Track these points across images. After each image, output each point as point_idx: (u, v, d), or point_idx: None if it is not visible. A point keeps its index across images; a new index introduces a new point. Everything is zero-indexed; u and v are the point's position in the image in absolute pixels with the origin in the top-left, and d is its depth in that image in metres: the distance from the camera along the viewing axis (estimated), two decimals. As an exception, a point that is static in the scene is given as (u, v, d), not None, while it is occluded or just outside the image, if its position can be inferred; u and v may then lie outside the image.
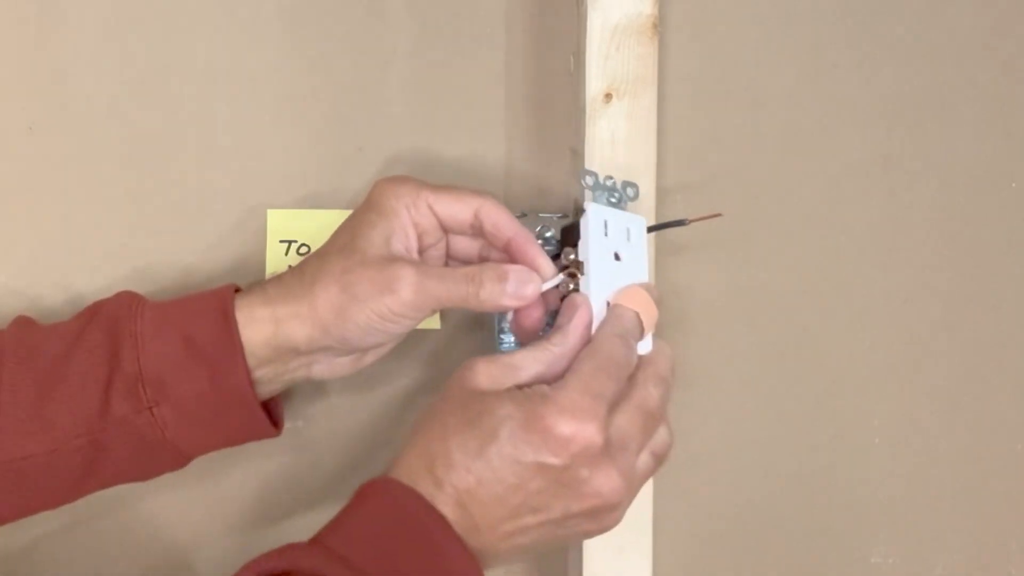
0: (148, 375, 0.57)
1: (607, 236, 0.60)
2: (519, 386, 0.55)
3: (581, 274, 0.59)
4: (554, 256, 0.60)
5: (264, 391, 0.60)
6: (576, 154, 0.65)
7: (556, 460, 0.52)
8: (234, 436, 0.61)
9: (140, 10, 0.67)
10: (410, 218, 0.59)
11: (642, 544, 0.66)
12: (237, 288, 0.61)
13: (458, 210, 0.59)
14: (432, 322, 0.68)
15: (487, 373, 0.55)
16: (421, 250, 0.60)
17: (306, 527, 0.54)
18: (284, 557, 0.52)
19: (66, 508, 0.61)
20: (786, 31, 0.71)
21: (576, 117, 0.65)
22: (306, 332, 0.57)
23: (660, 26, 0.63)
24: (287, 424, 0.65)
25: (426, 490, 0.53)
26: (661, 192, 0.67)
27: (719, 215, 0.64)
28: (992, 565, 0.75)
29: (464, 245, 0.62)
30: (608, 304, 0.58)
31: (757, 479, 0.73)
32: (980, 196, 0.73)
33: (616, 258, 0.60)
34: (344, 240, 0.59)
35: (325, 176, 0.69)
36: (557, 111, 0.69)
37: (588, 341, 0.57)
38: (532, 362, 0.56)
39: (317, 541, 0.53)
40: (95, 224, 0.68)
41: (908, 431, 0.74)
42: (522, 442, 0.52)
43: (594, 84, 0.63)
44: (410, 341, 0.69)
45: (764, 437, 0.73)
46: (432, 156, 0.69)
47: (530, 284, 0.58)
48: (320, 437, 0.70)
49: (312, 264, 0.59)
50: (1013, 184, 0.73)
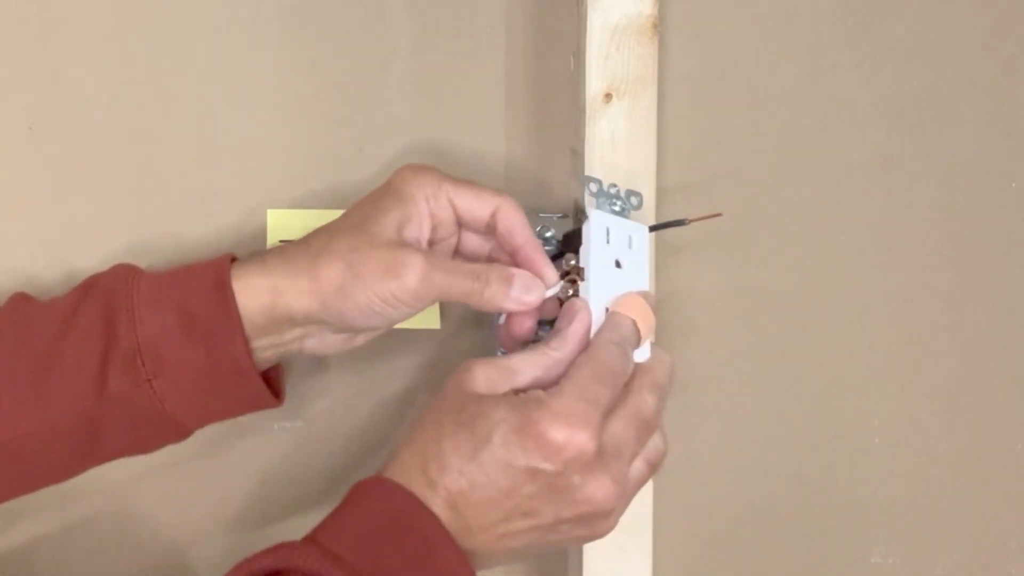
0: (145, 348, 0.57)
1: (609, 243, 0.60)
2: (516, 390, 0.55)
3: (582, 280, 0.59)
4: (554, 257, 0.61)
5: (261, 359, 0.59)
6: (576, 154, 0.65)
7: (549, 466, 0.52)
8: (235, 407, 0.61)
9: (140, 10, 0.67)
10: (428, 208, 0.59)
11: (642, 544, 0.66)
12: (233, 258, 0.60)
13: (477, 207, 0.59)
14: (432, 322, 0.68)
15: (484, 376, 0.55)
16: (433, 242, 0.60)
17: (304, 527, 0.54)
18: (277, 556, 0.52)
19: (65, 507, 0.61)
20: (786, 31, 0.71)
21: (576, 117, 0.65)
22: (304, 304, 0.57)
23: (660, 26, 0.63)
24: (287, 424, 0.65)
25: (419, 490, 0.53)
26: (661, 192, 0.67)
27: (719, 215, 0.64)
28: (992, 565, 0.75)
29: (475, 244, 0.62)
30: (607, 311, 0.58)
31: (757, 479, 0.73)
32: (980, 196, 0.73)
33: (617, 265, 0.60)
34: (356, 220, 0.58)
35: (325, 176, 0.68)
36: (557, 111, 0.69)
37: (586, 346, 0.57)
38: (530, 366, 0.56)
39: (310, 540, 0.53)
40: (94, 223, 0.68)
41: (908, 431, 0.74)
42: (515, 447, 0.52)
43: (594, 84, 0.63)
44: (410, 341, 0.69)
45: (764, 437, 0.73)
46: (432, 156, 0.69)
47: (534, 291, 0.58)
48: (319, 437, 0.70)
49: (319, 239, 0.58)
50: (1013, 184, 0.73)
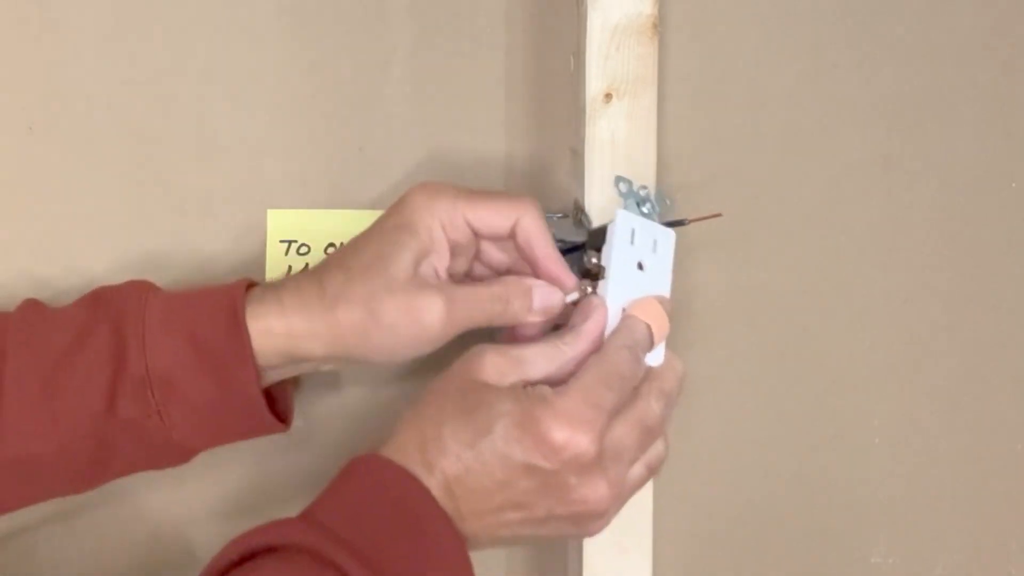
0: (155, 377, 0.56)
1: (633, 244, 0.59)
2: (524, 382, 0.55)
3: (601, 278, 0.58)
4: (564, 252, 0.60)
5: (269, 379, 0.59)
6: (576, 154, 0.65)
7: (546, 464, 0.53)
8: (242, 434, 0.61)
9: (140, 10, 0.67)
10: (445, 237, 0.58)
11: (642, 544, 0.66)
12: (250, 284, 0.59)
13: (496, 222, 0.58)
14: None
15: (494, 364, 0.55)
16: (452, 269, 0.59)
17: (306, 527, 0.54)
18: (272, 532, 0.51)
19: (65, 506, 0.61)
20: (786, 31, 0.71)
21: (576, 117, 0.65)
22: (324, 350, 0.57)
23: (660, 26, 0.63)
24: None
25: (416, 470, 0.53)
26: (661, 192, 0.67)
27: (719, 215, 0.64)
28: (992, 565, 0.75)
29: (496, 256, 0.61)
30: (623, 312, 0.58)
31: (757, 479, 0.73)
32: (980, 196, 0.73)
33: (639, 267, 0.60)
34: (370, 257, 0.57)
35: (325, 176, 0.68)
36: (557, 111, 0.69)
37: (599, 346, 0.57)
38: (542, 359, 0.56)
39: (306, 516, 0.53)
40: (95, 223, 0.68)
41: (908, 431, 0.74)
42: (515, 441, 0.53)
43: (594, 84, 0.63)
44: (410, 341, 0.69)
45: (764, 437, 0.73)
46: (432, 156, 0.69)
47: (554, 298, 0.58)
48: (320, 436, 0.70)
49: (334, 279, 0.57)
50: (1013, 184, 0.73)
